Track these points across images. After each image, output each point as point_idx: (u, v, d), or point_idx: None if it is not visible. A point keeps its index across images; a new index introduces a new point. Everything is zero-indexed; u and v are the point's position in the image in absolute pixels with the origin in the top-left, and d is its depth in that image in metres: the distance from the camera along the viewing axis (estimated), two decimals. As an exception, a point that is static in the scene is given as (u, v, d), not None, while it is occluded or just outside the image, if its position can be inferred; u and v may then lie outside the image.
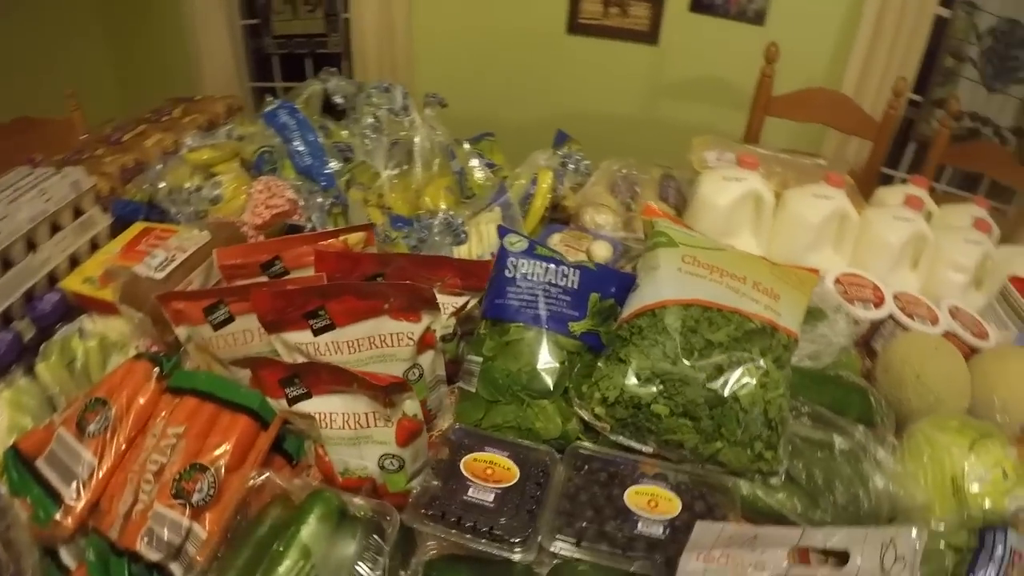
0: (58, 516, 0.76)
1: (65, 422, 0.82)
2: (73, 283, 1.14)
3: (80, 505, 0.77)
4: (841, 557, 0.71)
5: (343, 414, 0.80)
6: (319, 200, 1.24)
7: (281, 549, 0.69)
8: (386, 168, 1.35)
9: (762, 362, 0.87)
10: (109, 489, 0.78)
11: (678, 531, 0.75)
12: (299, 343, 0.85)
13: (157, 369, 0.86)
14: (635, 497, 0.78)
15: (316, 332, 0.85)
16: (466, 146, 1.46)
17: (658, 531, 0.75)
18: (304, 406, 0.81)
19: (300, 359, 0.86)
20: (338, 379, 0.79)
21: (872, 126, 2.02)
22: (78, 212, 1.26)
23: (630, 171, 1.43)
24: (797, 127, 2.21)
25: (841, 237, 1.31)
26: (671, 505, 0.77)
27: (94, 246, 1.28)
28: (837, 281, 1.22)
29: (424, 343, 0.87)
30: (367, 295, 0.84)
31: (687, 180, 1.49)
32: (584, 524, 0.75)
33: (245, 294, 0.87)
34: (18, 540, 0.76)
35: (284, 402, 0.82)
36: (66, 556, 0.78)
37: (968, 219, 1.36)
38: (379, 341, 0.85)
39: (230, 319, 0.90)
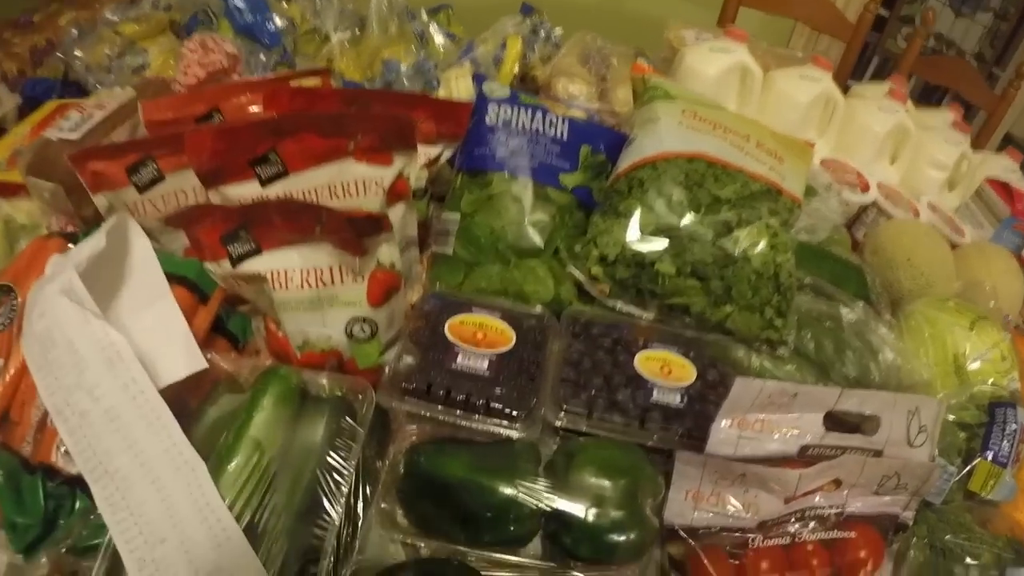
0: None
1: (-39, 319, 0.66)
2: (-24, 169, 0.96)
3: (-17, 417, 0.62)
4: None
5: (301, 270, 0.66)
6: (262, 58, 1.08)
7: (231, 441, 0.58)
8: (336, 31, 1.18)
9: (773, 221, 0.78)
10: (19, 395, 0.64)
11: (694, 400, 0.66)
12: (243, 197, 0.70)
13: (72, 246, 0.70)
14: (646, 363, 0.68)
15: (264, 182, 0.70)
16: (422, 14, 1.30)
17: (675, 399, 0.66)
18: (252, 264, 0.66)
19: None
20: (295, 224, 0.65)
21: (847, 26, 1.96)
22: (-19, 94, 1.08)
23: (603, 44, 1.31)
24: (765, 26, 2.13)
25: (827, 121, 1.26)
26: (685, 372, 0.68)
27: (1, 131, 1.08)
28: (822, 164, 1.18)
29: (395, 192, 0.73)
30: (329, 131, 0.69)
31: (661, 59, 1.40)
32: (593, 393, 0.65)
33: (178, 145, 0.70)
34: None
35: (227, 263, 0.67)
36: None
37: (944, 123, 1.35)
38: (341, 190, 0.71)
39: (159, 178, 0.74)
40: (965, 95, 2.10)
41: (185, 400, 0.63)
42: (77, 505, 0.59)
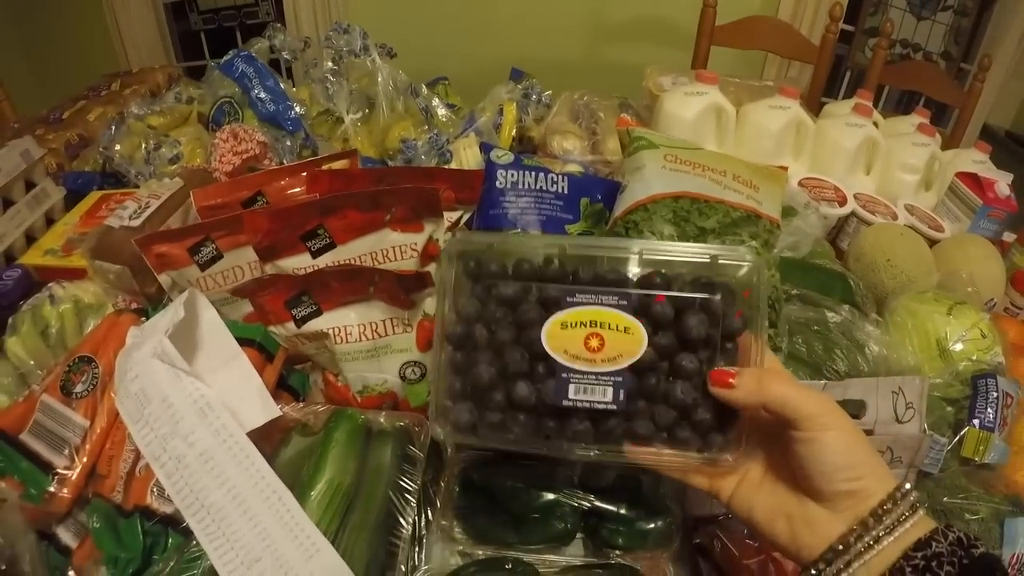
0: (52, 488, 0.70)
1: (48, 389, 0.75)
2: (33, 257, 1.08)
3: (75, 472, 0.70)
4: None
5: (359, 325, 0.77)
6: (288, 143, 1.20)
7: (311, 473, 0.66)
8: (349, 112, 1.32)
9: (754, 243, 0.89)
10: (106, 450, 0.72)
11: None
12: (296, 268, 0.81)
13: (144, 319, 0.79)
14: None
15: (315, 254, 0.80)
16: (423, 89, 1.44)
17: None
18: (315, 324, 0.76)
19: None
20: (350, 286, 0.75)
21: (812, 50, 2.08)
22: (29, 186, 1.19)
23: (590, 99, 1.44)
24: (738, 58, 2.25)
25: (799, 144, 1.35)
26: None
27: (49, 221, 1.20)
28: (800, 184, 1.26)
29: (427, 254, 0.84)
30: (368, 207, 0.80)
31: (643, 106, 1.52)
32: None
33: (234, 227, 0.81)
34: (10, 522, 0.69)
35: (292, 325, 0.77)
36: (64, 535, 0.72)
37: (911, 127, 1.43)
38: (381, 256, 0.82)
39: (218, 256, 0.84)
40: (935, 96, 2.19)
41: (260, 445, 0.69)
42: (170, 542, 0.66)
